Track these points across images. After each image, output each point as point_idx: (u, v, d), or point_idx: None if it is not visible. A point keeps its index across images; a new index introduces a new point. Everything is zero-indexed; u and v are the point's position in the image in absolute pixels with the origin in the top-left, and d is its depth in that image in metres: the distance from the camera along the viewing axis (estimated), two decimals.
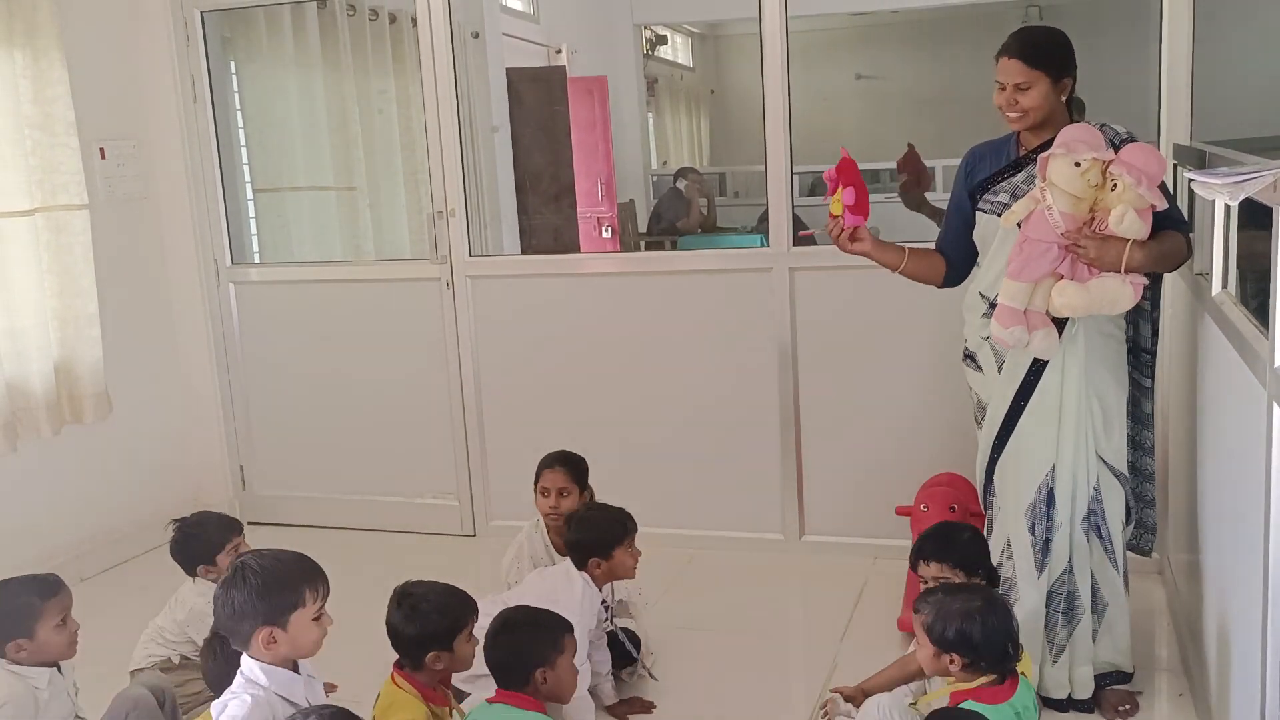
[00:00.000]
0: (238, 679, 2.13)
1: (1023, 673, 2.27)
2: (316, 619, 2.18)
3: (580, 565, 2.85)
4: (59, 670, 2.51)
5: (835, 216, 2.76)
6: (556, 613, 2.51)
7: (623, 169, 7.91)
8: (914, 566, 2.64)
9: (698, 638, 3.35)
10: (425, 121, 4.16)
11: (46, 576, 2.55)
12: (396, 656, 2.42)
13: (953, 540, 2.59)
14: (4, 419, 3.69)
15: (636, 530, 2.92)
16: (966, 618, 2.18)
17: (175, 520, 3.03)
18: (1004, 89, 2.64)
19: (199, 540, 2.99)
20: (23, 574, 2.54)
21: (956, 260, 2.87)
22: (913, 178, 3.61)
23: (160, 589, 3.11)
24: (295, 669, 2.15)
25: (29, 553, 3.90)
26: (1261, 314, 2.16)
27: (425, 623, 2.36)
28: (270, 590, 2.13)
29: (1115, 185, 2.43)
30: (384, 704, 2.38)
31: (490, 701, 2.35)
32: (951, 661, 2.21)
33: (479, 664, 2.43)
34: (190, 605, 2.91)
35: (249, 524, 4.57)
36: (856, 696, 2.68)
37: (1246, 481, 2.11)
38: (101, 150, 4.19)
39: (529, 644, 2.35)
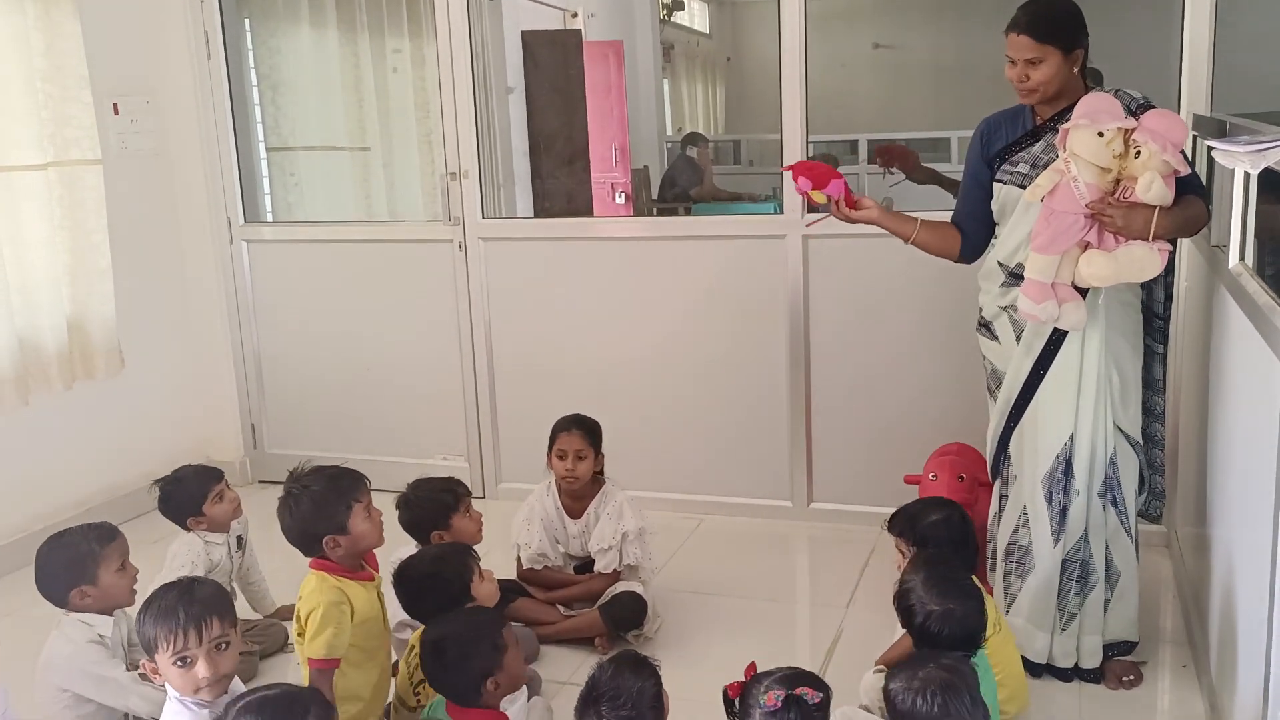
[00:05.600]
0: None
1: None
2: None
3: (424, 543, 2.86)
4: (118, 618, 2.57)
5: (824, 203, 2.83)
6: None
7: (637, 135, 7.85)
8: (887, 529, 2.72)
9: (704, 602, 3.37)
10: (439, 82, 4.14)
11: (101, 524, 2.62)
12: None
13: (917, 520, 2.64)
14: (16, 373, 3.71)
15: (469, 494, 2.96)
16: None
17: (156, 481, 3.08)
18: (1015, 64, 2.61)
19: (181, 494, 3.05)
20: (76, 524, 2.59)
21: (973, 233, 2.85)
22: (903, 164, 3.64)
23: (170, 544, 3.13)
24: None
25: (40, 507, 3.94)
26: (1278, 286, 2.15)
27: (307, 515, 2.44)
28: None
29: (1139, 152, 2.41)
30: (301, 590, 2.45)
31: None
32: None
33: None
34: (182, 561, 2.93)
35: (260, 483, 4.62)
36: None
37: (1258, 454, 2.10)
38: (115, 106, 4.19)
39: (470, 660, 2.21)
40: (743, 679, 1.94)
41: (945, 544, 2.54)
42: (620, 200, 7.07)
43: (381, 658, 2.56)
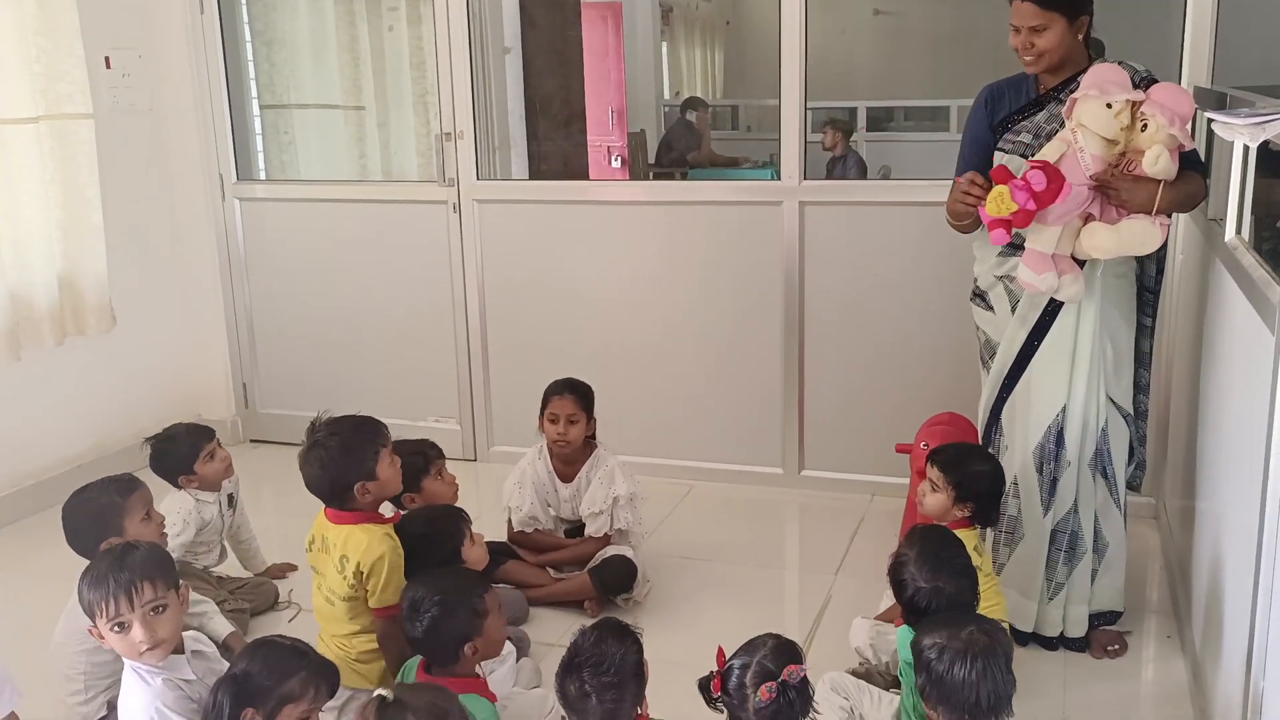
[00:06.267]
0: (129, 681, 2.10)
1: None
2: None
3: (396, 505, 2.84)
4: None
5: (988, 202, 2.47)
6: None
7: (634, 98, 7.80)
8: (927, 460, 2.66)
9: (694, 567, 3.39)
10: (436, 41, 4.10)
11: (121, 476, 2.62)
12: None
13: (964, 464, 2.57)
14: (8, 328, 3.70)
15: (443, 457, 2.94)
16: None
17: (148, 439, 3.08)
18: (1019, 32, 2.59)
19: (174, 452, 3.05)
20: (96, 479, 2.60)
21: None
22: None
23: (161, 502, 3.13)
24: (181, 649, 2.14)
25: (32, 463, 3.94)
26: (1274, 260, 2.15)
27: (338, 462, 2.44)
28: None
29: (1146, 125, 2.39)
30: (348, 546, 2.43)
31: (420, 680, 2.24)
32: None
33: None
34: (173, 519, 2.93)
35: (251, 442, 4.62)
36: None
37: (1249, 428, 2.10)
38: (107, 59, 4.14)
39: (447, 623, 2.18)
40: (715, 669, 1.92)
41: (982, 496, 2.55)
42: (616, 164, 7.03)
43: None
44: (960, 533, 2.42)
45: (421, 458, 2.88)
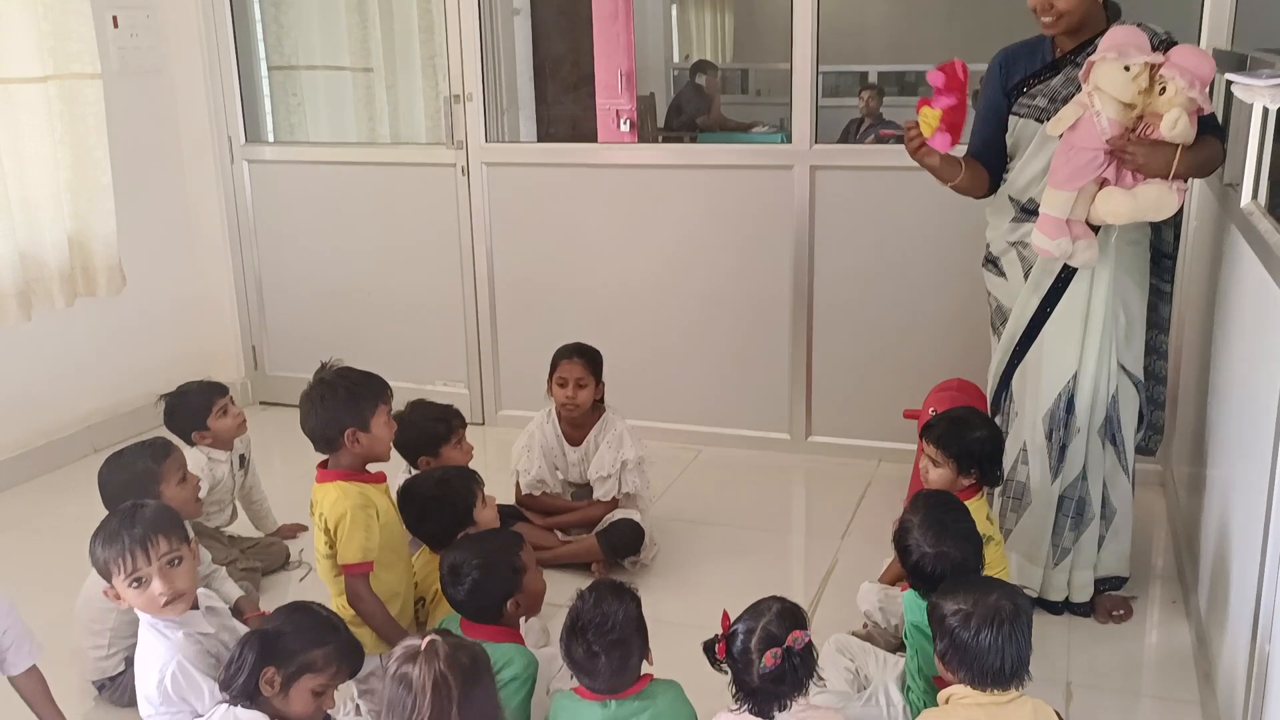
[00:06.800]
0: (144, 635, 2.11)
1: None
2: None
3: (412, 465, 2.85)
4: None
5: (920, 127, 2.57)
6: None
7: (644, 61, 7.73)
8: (921, 436, 2.65)
9: (701, 531, 3.40)
10: (444, 2, 4.07)
11: (155, 440, 2.64)
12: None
13: (961, 434, 2.55)
14: (18, 288, 3.70)
15: (464, 425, 2.94)
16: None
17: (161, 396, 3.09)
18: None
19: (186, 408, 3.06)
20: (129, 443, 2.62)
21: (992, 166, 2.78)
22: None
23: None
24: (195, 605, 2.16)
25: (43, 422, 3.96)
26: None
27: (341, 402, 2.44)
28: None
29: (1164, 89, 2.36)
30: (322, 503, 2.44)
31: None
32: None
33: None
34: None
35: (260, 404, 4.63)
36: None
37: (1260, 395, 2.10)
38: (114, 19, 4.11)
39: (489, 583, 2.21)
40: (720, 632, 1.93)
41: (986, 464, 2.54)
42: (625, 127, 6.98)
43: (407, 556, 2.59)
44: (971, 504, 2.41)
45: (445, 424, 2.90)
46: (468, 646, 1.80)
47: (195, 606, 2.15)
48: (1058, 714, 1.92)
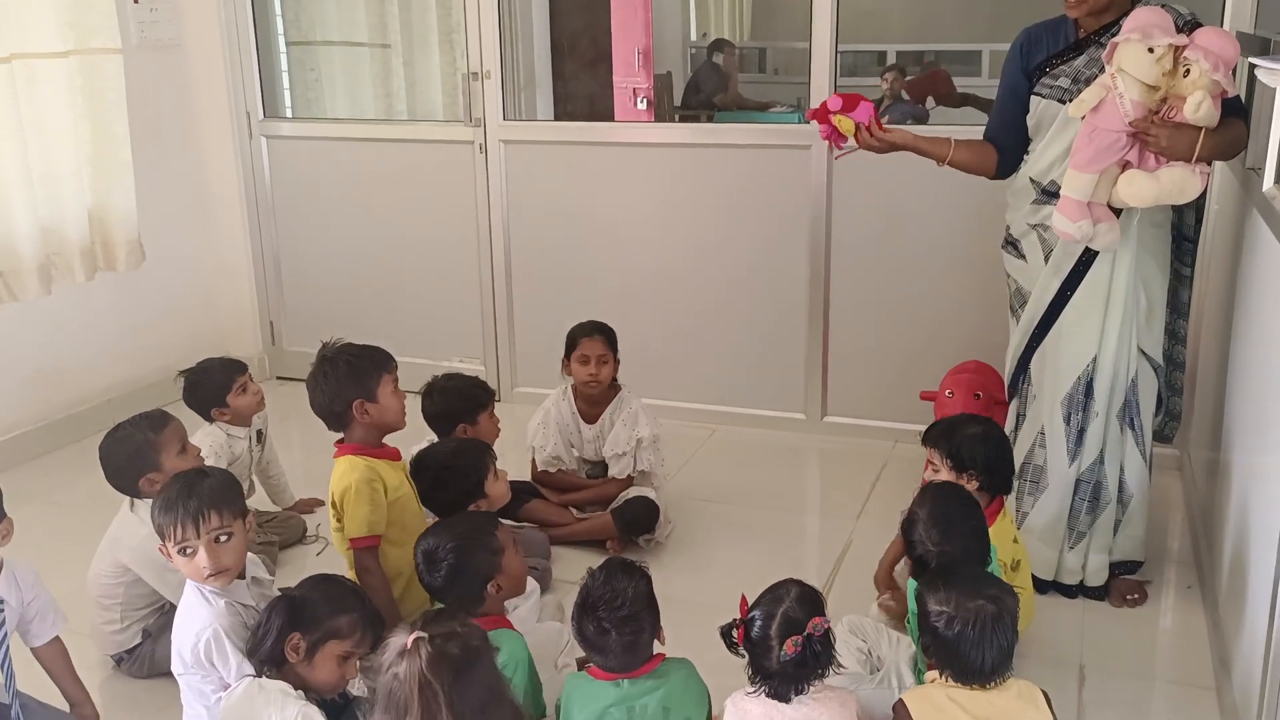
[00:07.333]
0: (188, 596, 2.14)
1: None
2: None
3: (445, 435, 2.87)
4: None
5: (852, 134, 2.72)
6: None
7: (661, 40, 7.69)
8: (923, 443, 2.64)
9: (715, 510, 3.41)
10: None
11: (153, 412, 2.65)
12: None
13: (952, 433, 2.52)
14: (39, 262, 3.72)
15: (494, 399, 3.00)
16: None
17: (182, 371, 3.11)
18: None
19: (207, 384, 3.08)
20: (129, 416, 2.63)
21: (1009, 147, 2.77)
22: (936, 91, 3.55)
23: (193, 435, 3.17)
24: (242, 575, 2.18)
25: (63, 395, 3.99)
26: None
27: (343, 378, 2.48)
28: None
29: (1188, 71, 2.34)
30: (331, 477, 2.48)
31: None
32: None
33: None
34: (205, 452, 2.97)
35: (278, 379, 4.66)
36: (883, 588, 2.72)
37: None
38: None
39: (467, 566, 2.15)
40: (738, 617, 1.92)
41: (982, 462, 2.47)
42: (642, 106, 6.96)
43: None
44: (994, 528, 2.35)
45: (485, 392, 2.97)
46: (458, 634, 1.75)
47: (241, 576, 2.18)
48: (1044, 693, 1.92)
